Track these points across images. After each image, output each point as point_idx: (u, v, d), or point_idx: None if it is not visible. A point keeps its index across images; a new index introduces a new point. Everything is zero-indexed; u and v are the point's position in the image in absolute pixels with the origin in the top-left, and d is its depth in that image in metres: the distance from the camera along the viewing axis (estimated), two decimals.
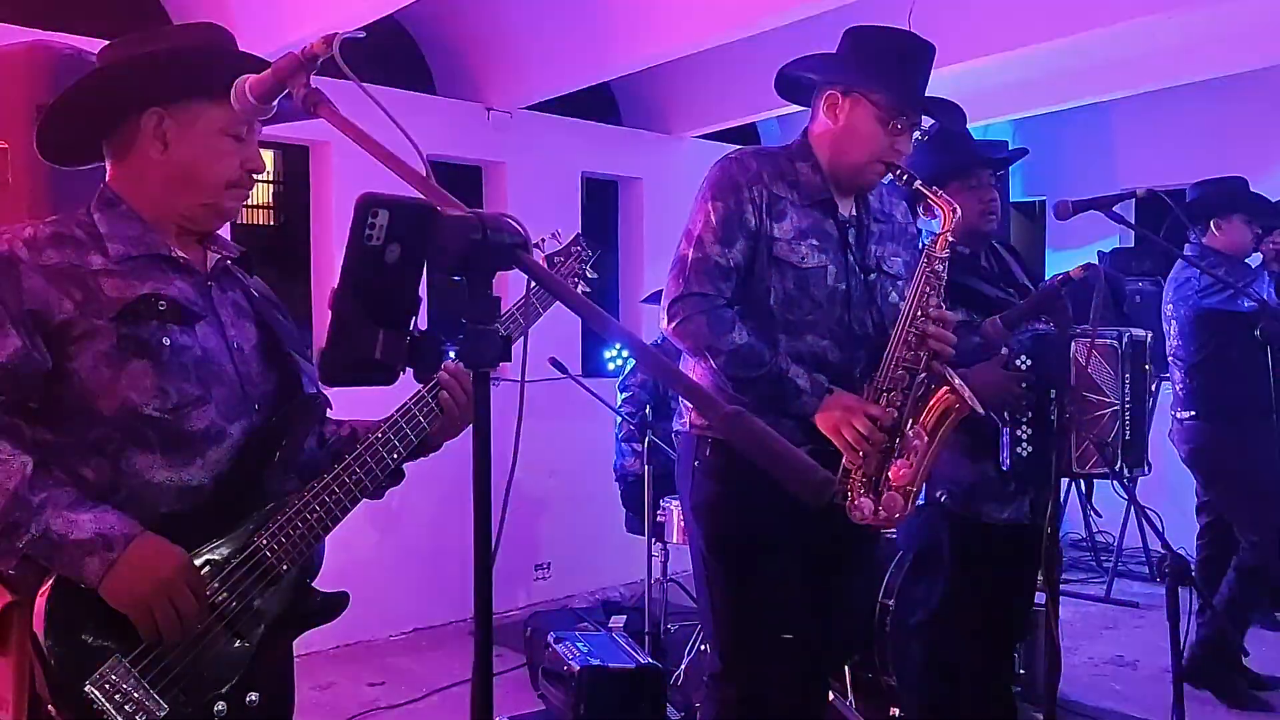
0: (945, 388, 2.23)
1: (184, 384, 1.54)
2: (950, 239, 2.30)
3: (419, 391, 1.69)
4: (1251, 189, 4.15)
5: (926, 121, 2.43)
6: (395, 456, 1.67)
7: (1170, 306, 4.12)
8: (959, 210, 2.32)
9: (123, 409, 1.50)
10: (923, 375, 2.25)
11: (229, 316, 1.66)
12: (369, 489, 1.66)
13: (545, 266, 1.03)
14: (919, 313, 2.26)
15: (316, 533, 1.61)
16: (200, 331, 1.59)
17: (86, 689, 1.43)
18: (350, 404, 1.80)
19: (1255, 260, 4.16)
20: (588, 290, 2.08)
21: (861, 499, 2.22)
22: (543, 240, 2.15)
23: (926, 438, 2.21)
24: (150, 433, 1.52)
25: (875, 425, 2.18)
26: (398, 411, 1.69)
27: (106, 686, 1.44)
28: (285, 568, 1.58)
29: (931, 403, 2.23)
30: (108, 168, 1.65)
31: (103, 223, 1.58)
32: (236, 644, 1.56)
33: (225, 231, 1.76)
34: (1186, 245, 4.10)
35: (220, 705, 1.53)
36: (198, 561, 1.52)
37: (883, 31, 2.38)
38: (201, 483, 1.56)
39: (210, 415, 1.57)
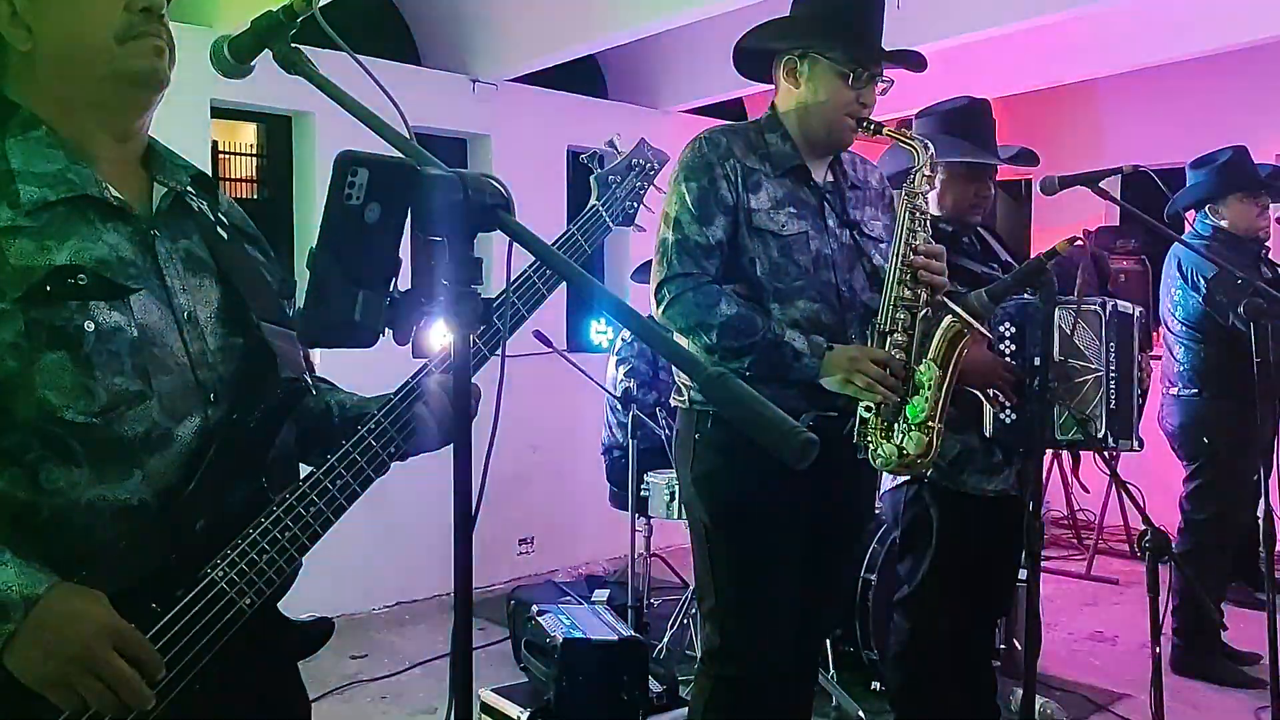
0: (948, 316, 2.23)
1: (115, 378, 1.21)
2: (926, 174, 2.32)
3: (414, 375, 1.42)
4: (1250, 158, 4.09)
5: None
6: (393, 450, 1.37)
7: (1179, 286, 4.09)
8: (931, 147, 2.34)
9: (40, 412, 1.18)
10: (924, 312, 2.26)
11: (178, 275, 1.30)
12: (357, 494, 1.35)
13: (528, 229, 1.01)
14: (907, 250, 2.27)
15: (289, 554, 1.29)
16: (137, 305, 1.24)
17: None
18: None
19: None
20: (632, 212, 1.79)
21: (884, 445, 2.23)
22: (594, 155, 1.90)
23: (939, 370, 2.22)
24: (73, 441, 1.19)
25: (884, 368, 2.19)
26: (398, 395, 1.39)
27: None
28: (247, 601, 1.26)
29: (937, 335, 2.24)
30: (9, 92, 1.29)
31: (17, 153, 1.23)
32: (195, 696, 1.24)
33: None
34: (1196, 224, 4.07)
35: None
36: (140, 604, 1.21)
37: None
38: (144, 500, 1.24)
39: (151, 415, 1.24)
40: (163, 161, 1.36)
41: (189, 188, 1.37)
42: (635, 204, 1.74)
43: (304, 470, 1.37)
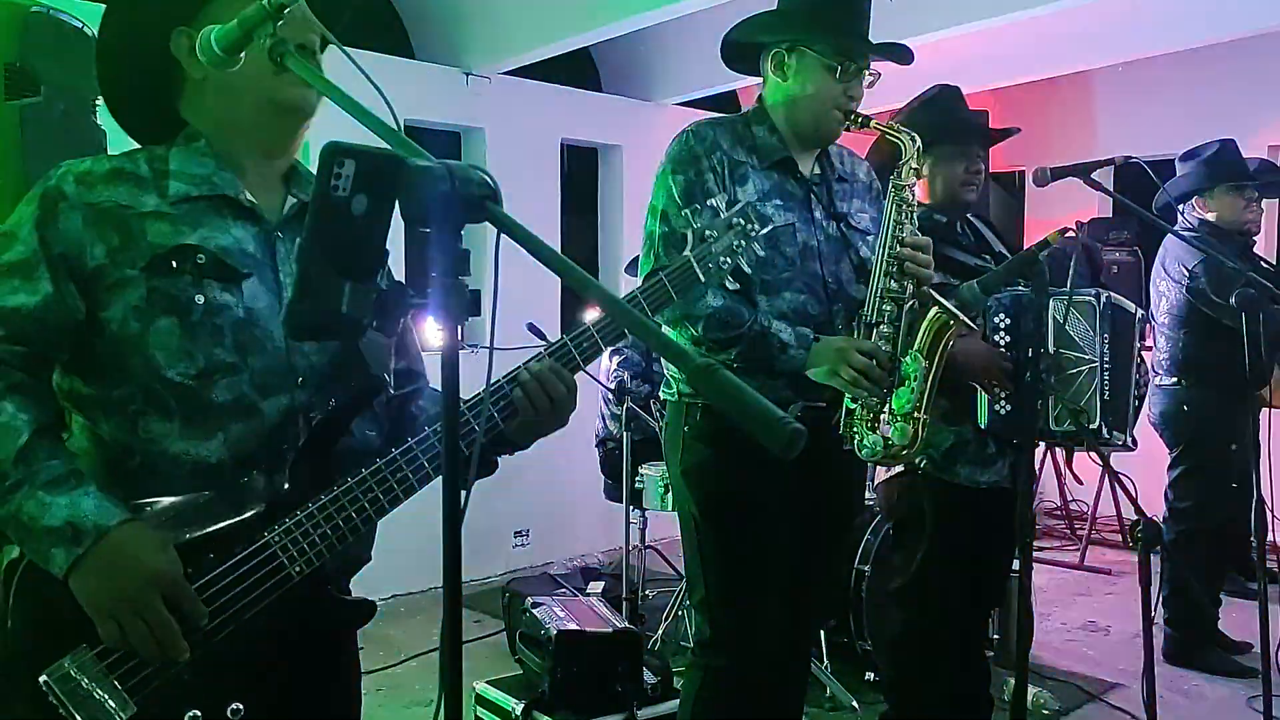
0: (935, 308, 2.24)
1: (215, 348, 1.38)
2: (913, 166, 2.32)
3: (496, 383, 1.48)
4: (1239, 152, 4.10)
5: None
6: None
7: (1163, 278, 4.12)
8: (919, 139, 2.34)
9: (147, 369, 1.36)
10: (910, 304, 2.26)
11: (291, 273, 1.45)
12: (415, 488, 1.44)
13: (516, 220, 1.01)
14: (894, 242, 2.28)
15: (342, 533, 1.39)
16: (248, 289, 1.42)
17: (42, 680, 1.26)
18: None
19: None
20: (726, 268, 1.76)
21: (869, 436, 2.24)
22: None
23: (925, 361, 2.23)
24: (171, 399, 1.37)
25: (870, 360, 2.20)
26: (466, 403, 1.42)
27: (66, 680, 1.26)
28: (297, 569, 1.36)
29: (923, 326, 2.25)
30: (181, 111, 1.51)
31: (175, 158, 1.45)
32: (228, 648, 1.34)
33: None
34: (1183, 217, 4.10)
35: (194, 713, 1.33)
36: (198, 554, 1.33)
37: None
38: (221, 460, 1.40)
39: (241, 386, 1.40)
40: (300, 178, 1.54)
41: None
42: (730, 261, 1.73)
43: None
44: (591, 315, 1.54)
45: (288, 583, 1.36)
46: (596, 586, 4.49)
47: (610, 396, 4.41)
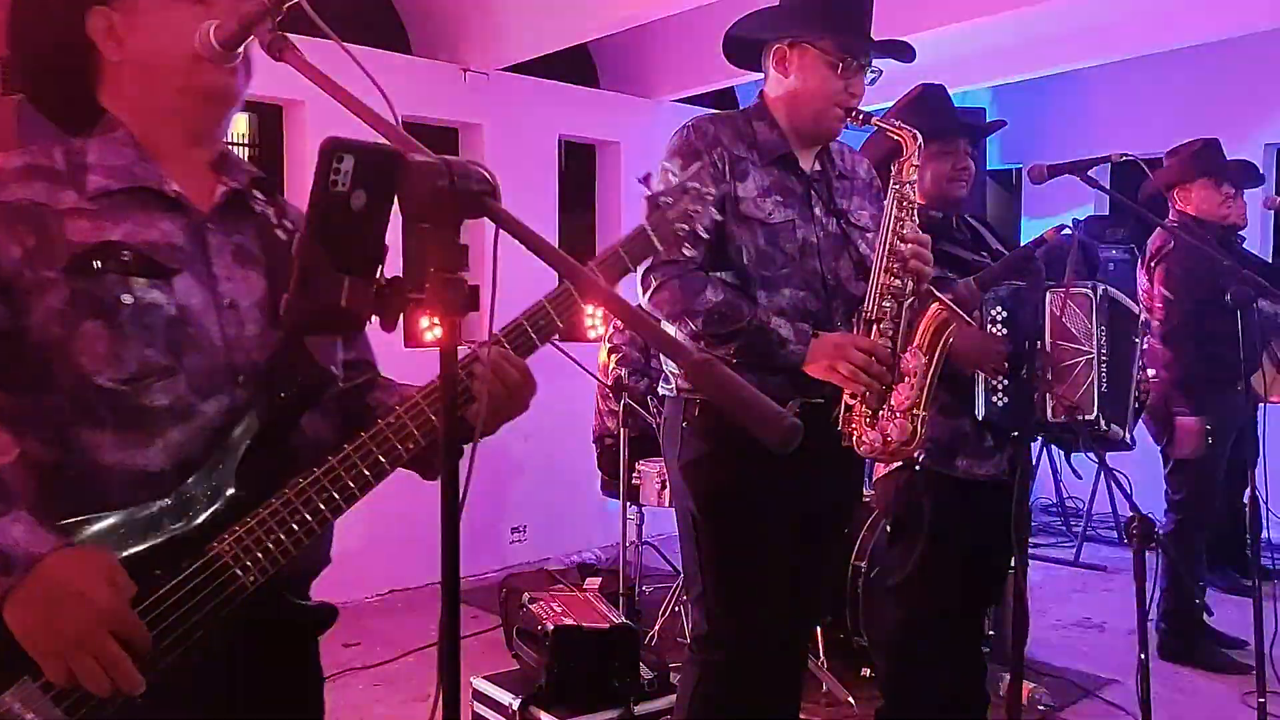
0: (935, 303, 2.24)
1: (146, 350, 1.29)
2: (914, 164, 2.33)
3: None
4: (1222, 151, 4.21)
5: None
6: (410, 445, 1.35)
7: (1144, 273, 4.19)
8: (920, 137, 2.35)
9: (74, 377, 1.26)
10: (910, 301, 2.27)
11: (225, 266, 1.38)
12: (372, 483, 1.35)
13: (514, 216, 1.01)
14: (894, 238, 2.28)
15: (297, 537, 1.30)
16: (179, 286, 1.32)
17: None
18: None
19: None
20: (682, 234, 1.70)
21: (868, 432, 2.24)
22: (650, 174, 1.88)
23: (924, 357, 2.23)
24: (102, 407, 1.27)
25: (869, 356, 2.20)
26: (421, 392, 1.37)
27: (8, 716, 1.17)
28: (250, 579, 1.27)
29: (923, 322, 2.25)
30: (99, 97, 1.42)
31: (93, 149, 1.35)
32: (182, 668, 1.24)
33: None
34: (1170, 213, 4.17)
35: None
36: (142, 572, 1.22)
37: None
38: (162, 469, 1.29)
39: (178, 389, 1.31)
40: (230, 165, 1.46)
41: (253, 190, 1.46)
42: (686, 228, 1.70)
43: None
44: (548, 293, 1.46)
45: (242, 594, 1.27)
46: (594, 582, 4.51)
47: (608, 392, 4.41)
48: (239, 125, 5.15)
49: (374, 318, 1.06)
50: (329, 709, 1.61)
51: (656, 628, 4.21)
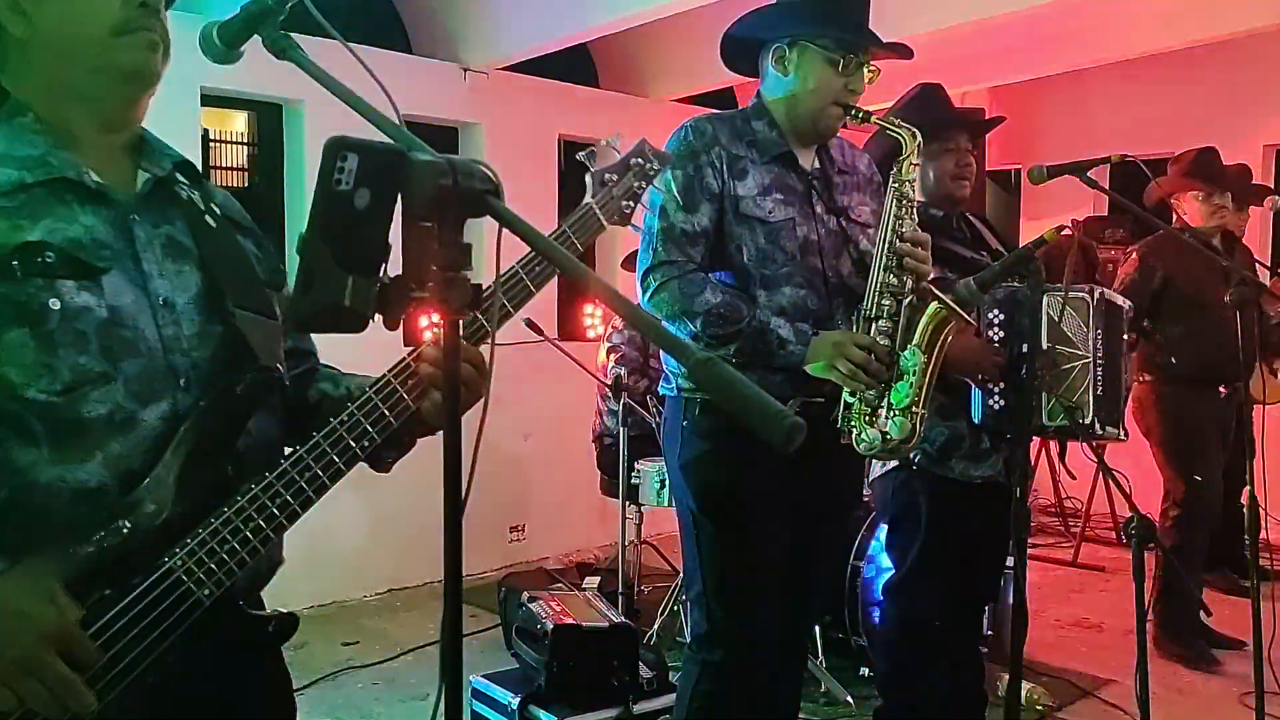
0: (934, 302, 2.25)
1: (79, 357, 1.19)
2: (914, 163, 2.34)
3: (401, 360, 1.34)
4: (1220, 159, 4.29)
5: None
6: (366, 444, 1.30)
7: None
8: (919, 135, 2.36)
9: (2, 391, 1.17)
10: (909, 299, 2.27)
11: (155, 261, 1.28)
12: (327, 485, 1.29)
13: (517, 214, 1.01)
14: (894, 237, 2.28)
15: (252, 545, 1.24)
16: (109, 285, 1.22)
17: None
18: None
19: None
20: (628, 212, 1.72)
21: (867, 430, 2.25)
22: (591, 152, 1.83)
23: (924, 356, 2.24)
24: (34, 421, 1.17)
25: (868, 353, 2.20)
26: (373, 386, 1.33)
27: None
28: (206, 592, 1.21)
29: (922, 321, 2.26)
30: (3, 80, 1.31)
31: (1, 139, 1.24)
32: (141, 688, 1.19)
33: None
34: (1174, 220, 4.25)
35: None
36: (90, 592, 1.17)
37: None
38: (103, 483, 1.20)
39: (115, 397, 1.21)
40: (151, 150, 1.37)
41: (177, 175, 1.37)
42: (632, 204, 1.69)
43: None
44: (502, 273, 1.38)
45: (198, 609, 1.21)
46: (593, 581, 4.50)
47: (607, 392, 4.42)
48: (238, 124, 5.14)
49: (377, 316, 1.06)
50: (328, 708, 1.60)
51: (655, 627, 4.21)
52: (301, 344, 1.52)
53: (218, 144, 5.04)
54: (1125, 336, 2.75)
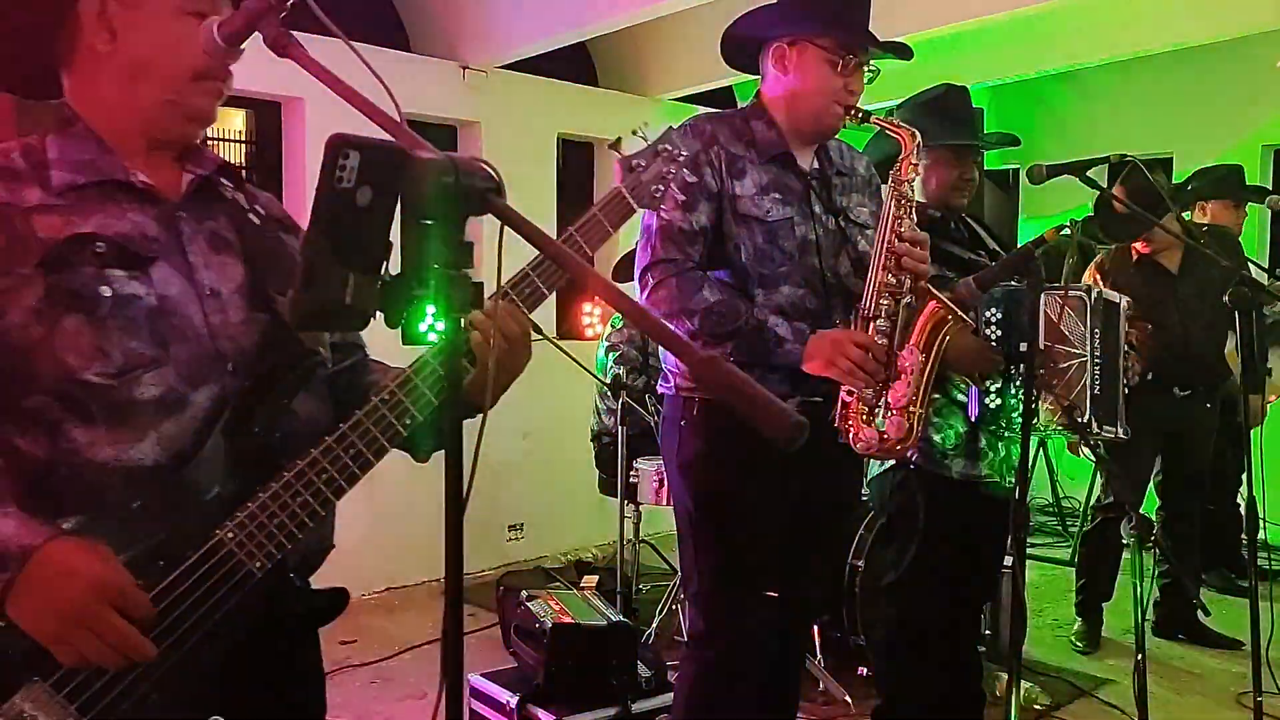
0: (933, 302, 2.25)
1: (131, 342, 1.27)
2: (913, 163, 2.34)
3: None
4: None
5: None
6: (408, 421, 1.32)
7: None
8: (918, 135, 2.35)
9: (60, 374, 1.24)
10: (907, 299, 2.28)
11: (201, 253, 1.36)
12: (371, 461, 1.33)
13: (520, 213, 1.01)
14: (892, 236, 2.29)
15: (300, 520, 1.28)
16: (157, 275, 1.30)
17: None
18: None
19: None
20: (658, 195, 1.73)
21: (865, 429, 2.25)
22: (619, 141, 1.86)
23: (921, 355, 2.24)
24: (91, 402, 1.25)
25: (865, 352, 2.21)
26: (412, 367, 1.35)
27: (20, 718, 1.16)
28: (257, 565, 1.27)
29: (920, 320, 2.26)
30: (64, 80, 1.38)
31: (53, 146, 1.32)
32: (196, 659, 1.24)
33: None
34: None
35: None
36: (147, 565, 1.22)
37: None
38: (157, 462, 1.27)
39: (167, 380, 1.28)
40: (196, 153, 1.44)
41: (220, 177, 1.45)
42: (661, 189, 1.73)
43: None
44: (531, 261, 1.42)
45: (250, 581, 1.26)
46: (591, 580, 4.50)
47: (606, 390, 4.41)
48: (235, 122, 5.14)
49: (378, 314, 1.06)
50: (327, 706, 1.61)
51: (654, 626, 4.21)
52: (349, 337, 1.57)
53: (216, 142, 5.04)
54: (1123, 336, 2.75)
